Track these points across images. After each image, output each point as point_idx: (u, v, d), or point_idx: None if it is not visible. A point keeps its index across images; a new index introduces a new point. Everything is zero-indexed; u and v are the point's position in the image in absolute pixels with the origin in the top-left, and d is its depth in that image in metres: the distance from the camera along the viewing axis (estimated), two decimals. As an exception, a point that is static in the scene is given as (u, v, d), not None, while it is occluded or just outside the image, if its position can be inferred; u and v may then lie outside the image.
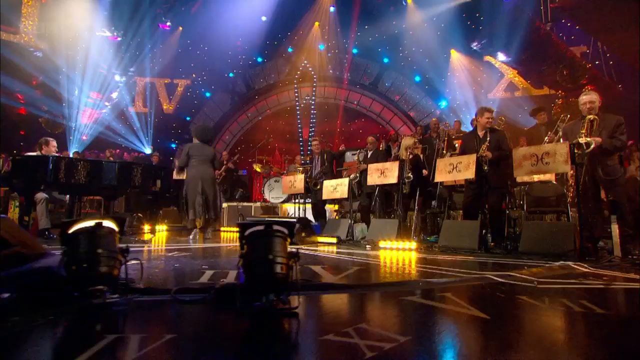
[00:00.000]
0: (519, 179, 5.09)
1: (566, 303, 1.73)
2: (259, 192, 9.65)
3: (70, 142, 10.42)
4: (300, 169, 8.45)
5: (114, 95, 11.98)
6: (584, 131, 3.59)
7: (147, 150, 12.75)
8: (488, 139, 4.36)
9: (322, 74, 12.31)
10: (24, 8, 8.42)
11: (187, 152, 4.93)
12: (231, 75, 12.48)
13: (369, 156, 6.01)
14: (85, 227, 1.76)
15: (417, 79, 11.27)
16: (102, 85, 11.66)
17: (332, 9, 11.42)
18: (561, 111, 7.93)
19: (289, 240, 1.79)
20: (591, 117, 3.62)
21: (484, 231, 3.83)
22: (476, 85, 11.06)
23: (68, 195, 4.80)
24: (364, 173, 5.98)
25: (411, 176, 5.10)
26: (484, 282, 2.27)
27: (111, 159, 9.86)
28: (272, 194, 8.21)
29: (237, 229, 1.88)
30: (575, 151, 3.47)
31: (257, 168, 9.27)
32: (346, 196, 5.13)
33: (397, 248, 4.15)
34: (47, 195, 4.65)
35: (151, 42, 12.22)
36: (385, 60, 11.46)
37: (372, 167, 4.93)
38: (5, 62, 7.95)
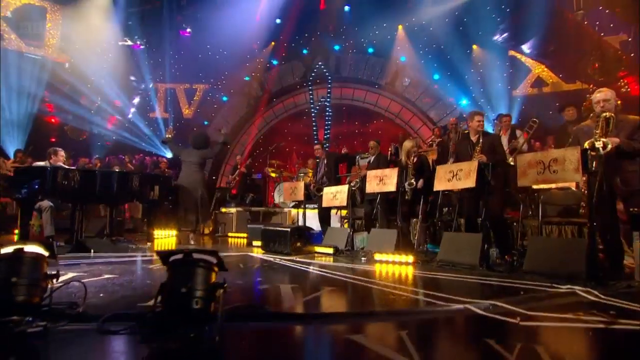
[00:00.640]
0: (535, 186, 4.65)
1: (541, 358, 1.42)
2: (272, 196, 9.58)
3: (93, 148, 10.86)
4: (310, 171, 8.27)
5: (136, 101, 12.38)
6: (598, 131, 3.16)
7: (169, 155, 13.08)
8: (480, 142, 4.01)
9: (338, 74, 12.07)
10: (48, 22, 8.85)
11: (179, 155, 5.24)
12: (247, 78, 12.52)
13: (371, 161, 5.74)
14: (2, 255, 1.66)
15: (436, 76, 10.74)
16: (125, 92, 12.09)
17: (347, 7, 11.15)
18: (592, 107, 7.21)
19: (216, 270, 1.61)
20: (607, 114, 3.17)
21: (486, 246, 3.45)
22: (500, 81, 10.37)
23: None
24: (365, 179, 5.72)
25: (413, 182, 4.77)
26: (460, 314, 1.97)
27: (129, 165, 10.17)
28: (283, 198, 8.09)
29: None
30: (590, 154, 3.05)
31: (271, 172, 9.17)
32: (345, 204, 4.88)
33: (392, 262, 3.86)
34: (52, 204, 4.77)
35: (172, 49, 12.54)
36: (402, 58, 11.02)
37: (371, 174, 4.66)
38: (32, 74, 8.40)
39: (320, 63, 11.63)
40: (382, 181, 4.49)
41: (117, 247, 4.49)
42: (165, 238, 6.64)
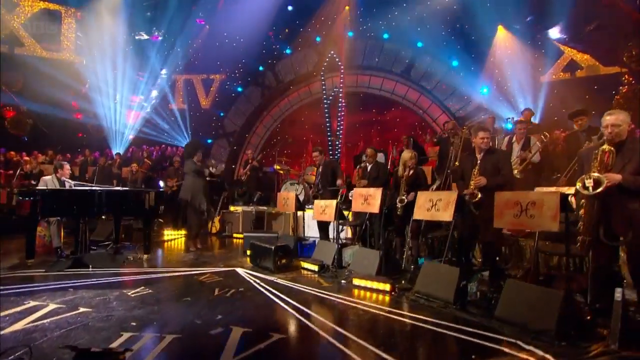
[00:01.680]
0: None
1: None
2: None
3: (114, 143, 11.36)
4: (315, 170, 8.18)
5: (154, 94, 12.66)
6: (596, 165, 2.82)
7: (188, 144, 13.47)
8: (478, 162, 3.74)
9: (353, 62, 11.63)
10: (63, 26, 9.13)
11: None
12: (261, 68, 12.38)
13: (368, 169, 5.54)
14: None
15: (455, 63, 10.04)
16: (143, 85, 12.42)
17: (361, -9, 10.57)
18: (624, 103, 6.46)
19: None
20: (605, 148, 2.81)
21: (463, 283, 3.28)
22: (527, 66, 9.53)
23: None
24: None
25: (405, 199, 4.58)
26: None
27: (147, 160, 10.56)
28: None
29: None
30: (581, 193, 2.75)
31: (278, 168, 9.19)
32: (333, 220, 4.81)
33: (366, 288, 3.79)
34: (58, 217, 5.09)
35: (188, 39, 12.59)
36: (419, 44, 10.36)
37: (357, 192, 4.52)
38: (52, 77, 8.80)
39: (332, 52, 11.22)
40: (367, 201, 4.35)
41: (115, 261, 4.74)
42: (172, 239, 6.95)
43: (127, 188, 5.44)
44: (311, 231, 6.74)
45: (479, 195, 3.67)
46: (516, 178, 5.13)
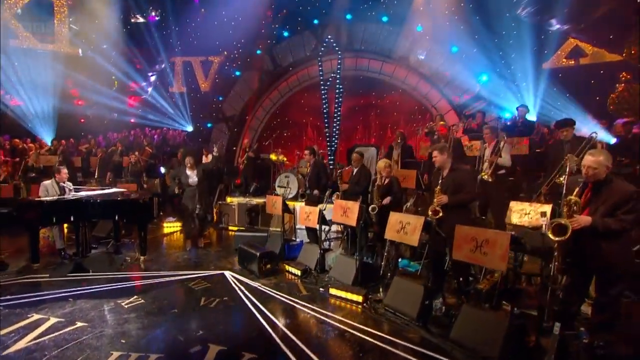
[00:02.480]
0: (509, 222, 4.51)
1: None
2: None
3: (116, 128, 11.58)
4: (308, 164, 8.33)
5: (153, 78, 12.66)
6: (565, 210, 2.91)
7: (189, 128, 13.64)
8: (440, 180, 3.89)
9: (351, 46, 11.39)
10: (56, 15, 9.06)
11: None
12: (259, 52, 12.21)
13: (354, 173, 5.70)
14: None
15: (455, 49, 9.79)
16: (142, 70, 12.41)
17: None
18: (618, 103, 6.35)
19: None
20: (572, 198, 2.86)
21: (427, 302, 3.53)
22: (529, 52, 9.25)
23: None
24: (346, 193, 5.75)
25: (376, 207, 4.77)
26: None
27: (148, 149, 10.76)
28: (283, 190, 8.31)
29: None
30: (551, 237, 2.86)
31: (273, 158, 9.34)
32: (316, 226, 5.05)
33: (341, 298, 4.09)
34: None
35: (186, 19, 12.38)
36: (419, 28, 10.07)
37: (337, 204, 4.72)
38: (48, 68, 8.87)
39: (329, 37, 10.98)
40: (345, 213, 4.55)
41: (114, 263, 5.10)
42: (171, 232, 7.31)
43: (122, 193, 5.67)
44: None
45: (441, 213, 3.85)
46: (488, 182, 5.31)
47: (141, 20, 11.66)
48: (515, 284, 3.92)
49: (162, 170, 10.04)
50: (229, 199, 8.55)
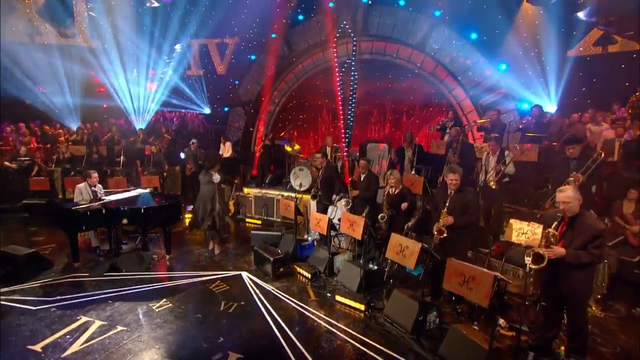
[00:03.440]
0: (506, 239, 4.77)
1: None
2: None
3: (137, 119, 12.03)
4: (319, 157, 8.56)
5: (171, 64, 12.84)
6: (543, 242, 3.21)
7: (207, 111, 13.98)
8: (447, 202, 4.15)
9: (367, 31, 11.15)
10: (75, 10, 9.24)
11: None
12: (273, 36, 12.12)
13: (361, 179, 5.97)
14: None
15: (474, 36, 9.48)
16: (160, 55, 12.61)
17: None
18: (637, 107, 6.21)
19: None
20: (550, 231, 3.17)
21: (420, 318, 3.92)
22: (553, 39, 8.89)
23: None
24: (356, 199, 6.06)
25: (385, 216, 5.10)
26: None
27: (167, 136, 11.19)
28: (298, 181, 8.64)
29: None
30: (529, 265, 3.18)
31: (289, 150, 9.58)
32: (325, 232, 5.42)
33: (345, 305, 4.53)
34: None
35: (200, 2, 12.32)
36: (437, 12, 9.72)
37: (344, 217, 5.04)
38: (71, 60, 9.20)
39: (344, 22, 10.76)
40: (352, 227, 4.89)
41: (143, 261, 5.67)
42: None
43: (148, 197, 6.15)
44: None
45: (445, 234, 4.14)
46: (493, 189, 5.52)
47: (156, 4, 11.67)
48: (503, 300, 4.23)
49: (182, 155, 10.50)
50: (246, 190, 8.99)
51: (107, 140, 10.48)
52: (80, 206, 5.30)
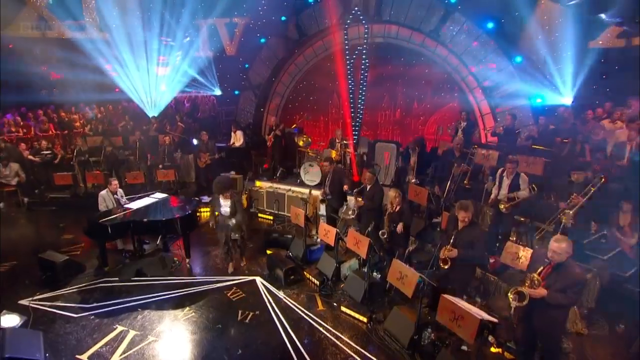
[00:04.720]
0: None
1: None
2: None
3: (149, 108, 12.21)
4: (333, 152, 8.75)
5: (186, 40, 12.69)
6: (527, 283, 3.54)
7: (217, 92, 14.03)
8: (453, 236, 4.42)
9: (378, 16, 10.82)
10: (83, 3, 9.13)
11: None
12: (283, 19, 11.82)
13: (367, 189, 6.22)
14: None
15: (490, 25, 9.14)
16: (170, 36, 12.50)
17: None
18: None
19: None
20: (534, 276, 3.48)
21: (416, 337, 4.35)
22: (572, 31, 8.56)
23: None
24: (362, 209, 6.36)
25: (385, 232, 5.44)
26: None
27: (180, 124, 11.39)
28: (307, 177, 8.94)
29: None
30: (511, 302, 3.54)
31: (301, 144, 9.70)
32: (333, 244, 5.80)
33: (349, 316, 5.00)
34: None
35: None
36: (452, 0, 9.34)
37: (350, 234, 5.39)
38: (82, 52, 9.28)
39: (356, 8, 10.41)
40: (357, 245, 5.24)
41: (165, 264, 6.19)
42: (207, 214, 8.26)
43: (169, 205, 6.55)
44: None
45: (449, 264, 4.46)
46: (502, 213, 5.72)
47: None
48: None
49: (195, 142, 10.78)
50: (258, 183, 9.35)
51: (122, 132, 10.81)
52: (109, 218, 5.74)
